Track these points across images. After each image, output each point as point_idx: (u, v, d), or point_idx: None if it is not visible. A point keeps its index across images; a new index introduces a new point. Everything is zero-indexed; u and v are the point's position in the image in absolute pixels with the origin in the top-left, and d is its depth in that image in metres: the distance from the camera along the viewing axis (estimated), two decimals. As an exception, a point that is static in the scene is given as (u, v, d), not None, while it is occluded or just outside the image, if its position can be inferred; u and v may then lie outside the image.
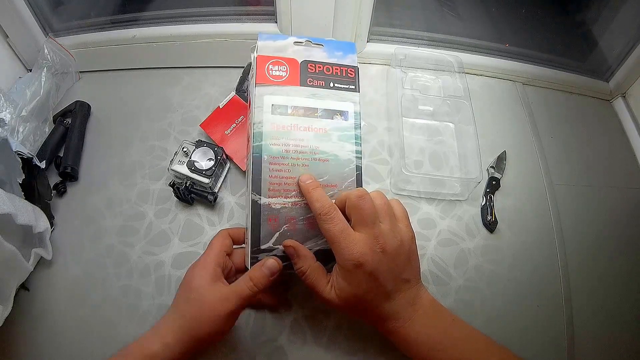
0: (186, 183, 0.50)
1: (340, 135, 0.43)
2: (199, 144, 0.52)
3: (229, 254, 0.43)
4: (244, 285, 0.38)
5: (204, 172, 0.50)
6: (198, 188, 0.51)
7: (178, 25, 0.61)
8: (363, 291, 0.37)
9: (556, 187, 0.56)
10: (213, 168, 0.51)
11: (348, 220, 0.39)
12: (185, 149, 0.52)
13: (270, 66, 0.44)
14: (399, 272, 0.38)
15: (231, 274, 0.44)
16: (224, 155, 0.53)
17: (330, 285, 0.38)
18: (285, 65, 0.45)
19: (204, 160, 0.51)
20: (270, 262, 0.39)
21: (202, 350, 0.40)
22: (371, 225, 0.37)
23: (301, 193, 0.41)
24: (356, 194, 0.37)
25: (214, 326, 0.37)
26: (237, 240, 0.44)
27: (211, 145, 0.52)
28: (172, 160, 0.52)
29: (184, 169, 0.51)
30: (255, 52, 0.46)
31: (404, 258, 0.38)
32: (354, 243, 0.36)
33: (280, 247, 0.41)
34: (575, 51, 0.70)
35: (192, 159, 0.51)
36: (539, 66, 0.66)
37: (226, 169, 0.55)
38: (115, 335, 0.45)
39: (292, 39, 0.46)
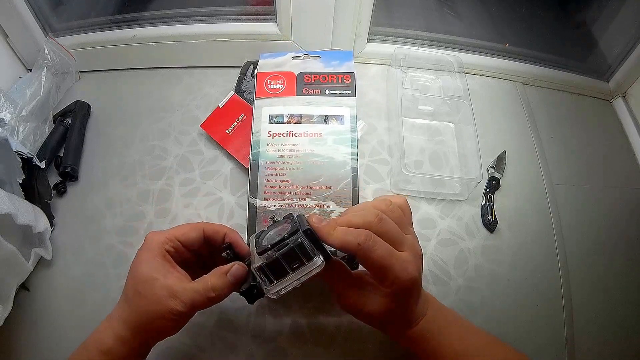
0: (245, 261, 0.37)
1: (335, 139, 0.46)
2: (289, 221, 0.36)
3: (192, 248, 0.38)
4: (201, 291, 0.34)
5: (256, 251, 0.34)
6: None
7: (178, 25, 0.61)
8: (409, 304, 0.36)
9: (556, 187, 0.56)
10: (272, 254, 0.33)
11: None
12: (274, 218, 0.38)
13: (269, 81, 0.49)
14: (422, 274, 0.37)
15: (190, 264, 0.39)
16: (304, 243, 0.33)
17: (370, 300, 0.36)
18: (282, 79, 0.49)
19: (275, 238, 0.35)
20: (236, 269, 0.36)
21: (158, 340, 0.37)
22: (403, 239, 0.35)
23: (296, 195, 0.42)
24: (376, 220, 0.34)
25: (165, 322, 0.34)
26: (213, 239, 0.38)
27: (296, 221, 0.35)
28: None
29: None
30: (255, 69, 0.49)
31: (422, 259, 0.38)
32: (407, 262, 0.34)
33: None
34: (575, 51, 0.70)
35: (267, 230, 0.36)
36: (539, 66, 0.66)
37: (306, 273, 0.33)
38: (115, 335, 0.45)
39: (290, 54, 0.51)
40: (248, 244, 0.39)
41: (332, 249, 0.35)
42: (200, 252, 0.40)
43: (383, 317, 0.36)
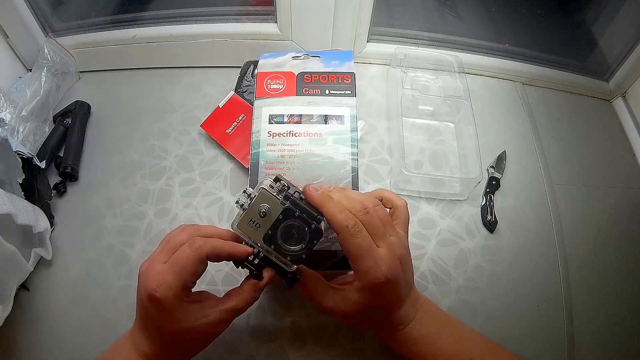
0: (259, 253, 0.37)
1: (335, 139, 0.46)
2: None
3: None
4: (239, 302, 0.36)
5: (287, 258, 0.37)
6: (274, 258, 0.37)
7: (178, 25, 0.61)
8: (382, 304, 0.36)
9: (556, 187, 0.56)
10: (303, 256, 0.36)
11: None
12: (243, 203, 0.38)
13: (269, 81, 0.49)
14: (407, 278, 0.38)
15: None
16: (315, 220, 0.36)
17: (339, 296, 0.37)
18: (282, 79, 0.49)
19: (291, 233, 0.37)
20: (268, 278, 0.37)
21: None
22: (383, 236, 0.36)
23: None
24: (362, 212, 0.36)
25: (210, 342, 0.37)
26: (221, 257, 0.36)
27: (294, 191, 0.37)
28: (245, 208, 0.37)
29: (259, 238, 0.37)
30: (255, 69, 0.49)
31: (409, 264, 0.39)
32: (381, 259, 0.35)
33: None
34: (575, 51, 0.70)
35: (276, 231, 0.37)
36: (539, 66, 0.66)
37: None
38: (115, 335, 0.44)
39: (291, 54, 0.51)
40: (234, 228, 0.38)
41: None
42: None
43: (358, 313, 0.36)
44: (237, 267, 0.38)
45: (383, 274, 0.35)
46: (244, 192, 0.38)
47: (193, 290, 0.36)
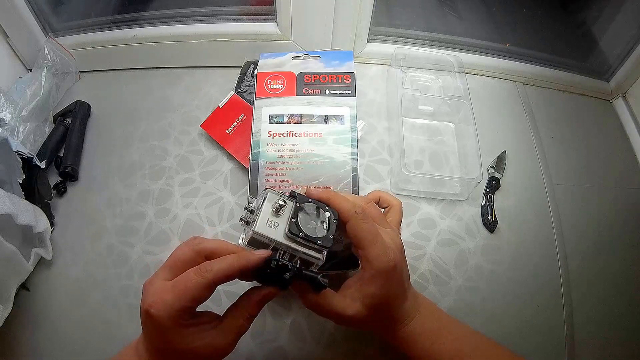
0: (295, 263, 0.34)
1: (335, 139, 0.46)
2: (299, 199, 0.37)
3: None
4: (241, 320, 0.35)
5: (318, 243, 0.35)
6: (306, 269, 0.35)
7: (178, 25, 0.61)
8: (392, 294, 0.36)
9: (556, 187, 0.56)
10: (330, 237, 0.35)
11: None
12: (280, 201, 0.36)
13: (269, 81, 0.49)
14: (408, 271, 0.39)
15: None
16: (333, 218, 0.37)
17: (349, 299, 0.36)
18: (282, 79, 0.49)
19: (310, 222, 0.36)
20: (265, 290, 0.36)
21: None
22: (380, 226, 0.37)
23: None
24: (358, 210, 0.36)
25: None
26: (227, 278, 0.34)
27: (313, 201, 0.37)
28: (255, 219, 0.36)
29: (281, 236, 0.35)
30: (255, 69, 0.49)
31: (405, 259, 0.39)
32: (388, 246, 0.36)
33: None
34: (576, 51, 0.70)
35: (297, 220, 0.35)
36: (539, 66, 0.66)
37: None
38: (115, 335, 0.45)
39: (291, 54, 0.51)
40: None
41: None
42: None
43: (370, 310, 0.36)
44: (261, 283, 0.35)
45: (391, 258, 0.35)
46: (246, 208, 0.37)
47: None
